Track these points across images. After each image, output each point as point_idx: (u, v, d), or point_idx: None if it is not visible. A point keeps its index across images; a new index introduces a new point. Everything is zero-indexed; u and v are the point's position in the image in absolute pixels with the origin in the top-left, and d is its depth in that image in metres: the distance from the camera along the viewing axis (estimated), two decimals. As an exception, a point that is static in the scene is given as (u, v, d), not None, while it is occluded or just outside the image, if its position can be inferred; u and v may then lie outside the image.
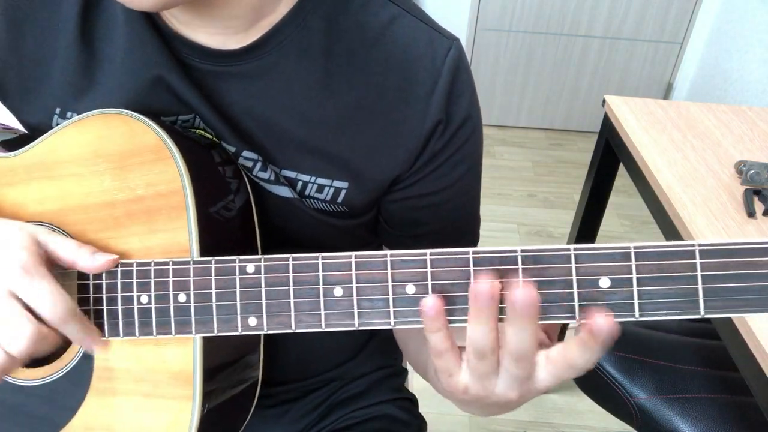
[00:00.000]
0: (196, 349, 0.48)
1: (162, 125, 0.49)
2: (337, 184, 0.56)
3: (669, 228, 1.02)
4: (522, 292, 0.36)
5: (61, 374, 0.52)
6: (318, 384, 0.73)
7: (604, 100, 1.33)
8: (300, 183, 0.56)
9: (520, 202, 2.41)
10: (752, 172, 1.03)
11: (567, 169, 2.63)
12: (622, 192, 2.34)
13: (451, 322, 0.41)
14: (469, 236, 0.65)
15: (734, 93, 2.29)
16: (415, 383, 1.74)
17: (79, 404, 0.52)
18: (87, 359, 0.51)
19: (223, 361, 0.52)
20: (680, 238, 0.97)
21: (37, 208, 0.52)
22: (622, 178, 1.32)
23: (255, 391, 0.59)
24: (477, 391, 0.42)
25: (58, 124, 0.55)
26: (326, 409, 0.73)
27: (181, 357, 0.49)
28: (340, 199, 0.57)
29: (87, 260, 0.47)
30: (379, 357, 0.77)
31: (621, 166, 1.30)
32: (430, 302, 0.39)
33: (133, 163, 0.49)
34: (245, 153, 0.55)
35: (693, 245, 0.37)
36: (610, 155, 1.33)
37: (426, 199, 0.59)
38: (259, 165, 0.55)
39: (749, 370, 0.79)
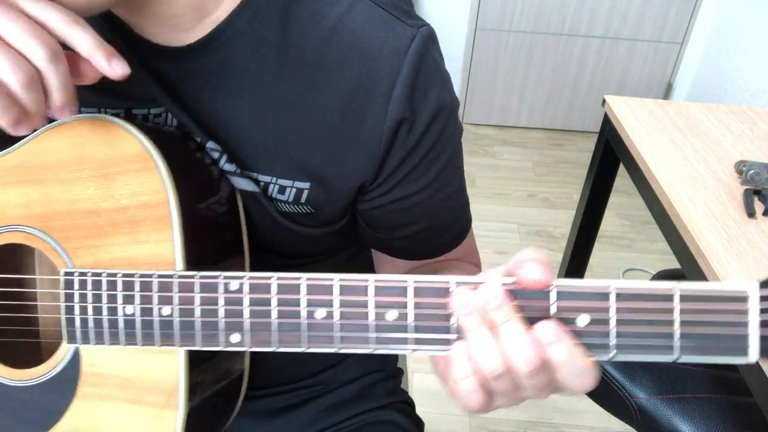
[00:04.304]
0: (180, 361, 0.48)
1: (145, 132, 0.49)
2: (299, 185, 0.54)
3: (669, 228, 1.02)
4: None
5: (49, 377, 0.52)
6: (299, 387, 0.71)
7: (604, 100, 1.33)
8: (262, 184, 0.55)
9: (520, 202, 2.41)
10: (752, 172, 1.03)
11: (567, 169, 2.63)
12: (622, 192, 2.34)
13: (431, 351, 0.41)
14: (457, 227, 0.63)
15: (734, 93, 2.29)
16: (415, 383, 1.73)
17: (66, 408, 0.52)
18: (74, 363, 0.51)
19: (207, 370, 0.52)
20: (680, 238, 0.97)
21: (21, 211, 0.51)
22: (622, 178, 1.32)
23: (238, 398, 0.59)
24: (504, 404, 0.41)
25: None
26: (316, 413, 0.71)
27: (166, 366, 0.49)
28: (303, 199, 0.55)
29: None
30: (367, 362, 0.75)
31: (621, 166, 1.30)
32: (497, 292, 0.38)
33: (116, 171, 0.49)
34: (210, 144, 0.53)
35: (672, 289, 0.37)
36: (610, 155, 1.33)
37: (407, 201, 0.57)
38: (225, 157, 0.53)
39: (749, 370, 0.79)
